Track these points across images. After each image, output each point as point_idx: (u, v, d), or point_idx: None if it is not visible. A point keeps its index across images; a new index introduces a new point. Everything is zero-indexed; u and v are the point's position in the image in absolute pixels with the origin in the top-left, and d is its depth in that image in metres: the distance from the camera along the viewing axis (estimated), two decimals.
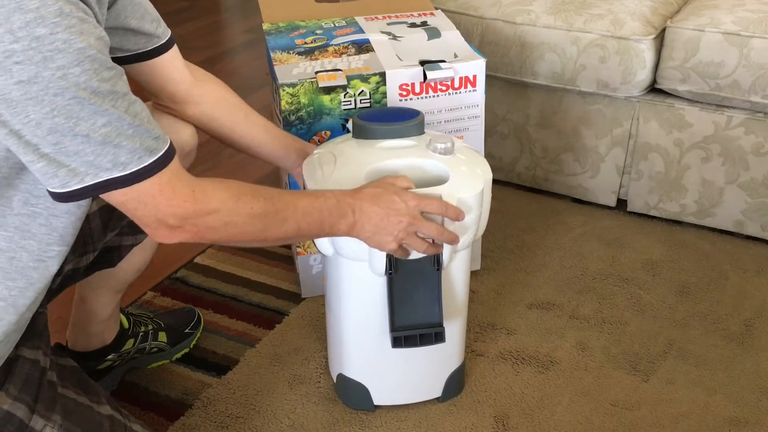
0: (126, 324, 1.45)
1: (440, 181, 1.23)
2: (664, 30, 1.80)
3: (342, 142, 1.33)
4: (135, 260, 1.34)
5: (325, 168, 1.25)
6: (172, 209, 0.92)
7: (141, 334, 1.46)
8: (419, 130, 1.33)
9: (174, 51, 1.21)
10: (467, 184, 1.23)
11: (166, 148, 0.91)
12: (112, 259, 1.27)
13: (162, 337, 1.49)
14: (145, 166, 0.89)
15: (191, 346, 1.54)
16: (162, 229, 0.94)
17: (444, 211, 1.16)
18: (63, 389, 1.07)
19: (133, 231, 1.26)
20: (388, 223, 1.12)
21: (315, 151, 1.32)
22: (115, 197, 0.90)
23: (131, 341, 1.45)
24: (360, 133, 1.32)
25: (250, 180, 2.14)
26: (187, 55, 1.27)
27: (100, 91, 0.84)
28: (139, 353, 1.47)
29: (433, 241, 1.17)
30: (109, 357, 1.42)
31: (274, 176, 2.17)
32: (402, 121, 1.32)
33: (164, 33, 1.18)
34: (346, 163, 1.26)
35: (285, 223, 1.03)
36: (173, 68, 1.21)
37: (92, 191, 0.87)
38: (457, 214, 1.16)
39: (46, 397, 1.03)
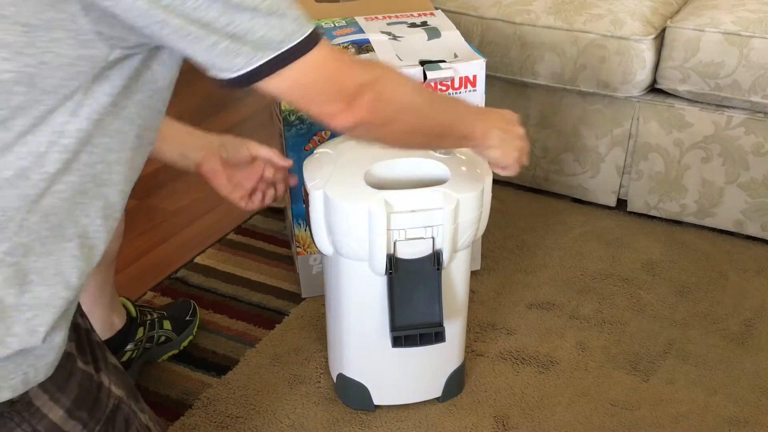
0: (134, 312, 1.47)
1: (440, 181, 1.23)
2: (664, 30, 1.80)
3: (342, 142, 1.33)
4: (119, 224, 1.31)
5: (325, 168, 1.25)
6: (350, 72, 0.91)
7: (148, 321, 1.48)
8: None
9: None
10: (467, 184, 1.23)
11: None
12: None
13: (167, 325, 1.51)
14: (312, 32, 0.87)
15: (194, 333, 1.55)
16: (341, 103, 0.91)
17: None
18: (106, 351, 1.09)
19: None
20: (509, 143, 1.20)
21: (315, 151, 1.32)
22: (292, 74, 0.86)
23: (141, 329, 1.46)
24: None
25: None
26: None
27: None
28: (150, 342, 1.48)
29: None
30: (128, 347, 1.43)
31: None
32: None
33: None
34: (346, 163, 1.26)
35: (440, 115, 1.06)
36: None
37: (273, 66, 0.84)
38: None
39: (99, 356, 1.05)
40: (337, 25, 1.65)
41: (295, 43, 0.85)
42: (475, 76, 1.53)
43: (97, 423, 0.99)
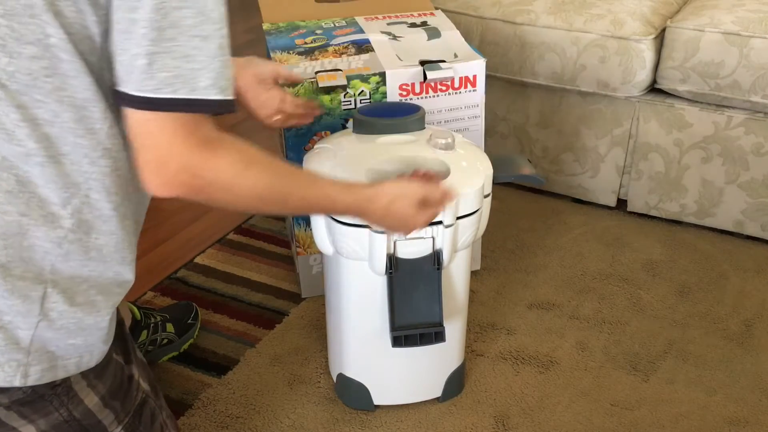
0: (138, 315, 1.47)
1: (441, 176, 1.23)
2: (664, 30, 1.80)
3: (342, 137, 1.33)
4: None
5: (326, 164, 1.25)
6: (183, 150, 0.86)
7: (152, 325, 1.49)
8: (420, 125, 1.33)
9: None
10: (468, 179, 1.23)
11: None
12: None
13: (170, 327, 1.51)
14: (231, 100, 0.86)
15: (195, 335, 1.56)
16: (157, 175, 0.87)
17: (448, 198, 1.17)
18: (135, 345, 1.11)
19: None
20: (388, 227, 1.16)
21: (315, 147, 1.32)
22: (149, 114, 0.84)
23: (145, 332, 1.47)
24: (360, 128, 1.32)
25: None
26: None
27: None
28: (153, 345, 1.48)
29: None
30: None
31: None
32: (402, 116, 1.32)
33: None
34: (346, 158, 1.25)
35: (281, 205, 1.01)
36: None
37: (174, 107, 0.83)
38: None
39: (131, 349, 1.06)
40: (337, 25, 1.65)
41: (217, 98, 0.85)
42: (475, 76, 1.53)
43: (127, 414, 1.01)
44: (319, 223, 1.25)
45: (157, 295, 1.69)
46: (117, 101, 0.86)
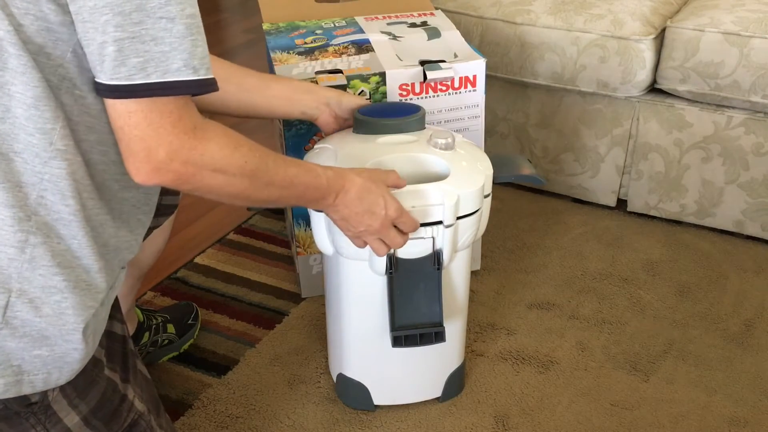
0: (141, 317, 1.47)
1: (441, 176, 1.23)
2: (664, 30, 1.80)
3: (342, 137, 1.33)
4: (155, 242, 1.34)
5: (326, 163, 1.25)
6: (171, 139, 0.85)
7: (153, 326, 1.49)
8: (420, 125, 1.33)
9: None
10: (468, 179, 1.23)
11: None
12: None
13: (171, 328, 1.51)
14: (209, 79, 0.85)
15: (195, 336, 1.56)
16: (147, 163, 0.86)
17: (414, 229, 1.17)
18: (138, 360, 1.09)
19: (154, 212, 1.27)
20: (358, 221, 1.12)
21: (315, 146, 1.32)
22: (131, 105, 0.83)
23: (147, 334, 1.47)
24: (361, 128, 1.31)
25: None
26: None
27: None
28: (153, 346, 1.48)
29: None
30: None
31: None
32: (403, 116, 1.32)
33: None
34: (346, 158, 1.25)
35: (269, 187, 1.00)
36: None
37: (151, 91, 0.82)
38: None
39: (131, 366, 1.04)
40: (337, 25, 1.65)
41: (189, 78, 0.84)
42: (475, 76, 1.53)
43: None
44: (319, 223, 1.25)
45: (157, 295, 1.69)
46: (97, 93, 0.85)
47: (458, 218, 1.22)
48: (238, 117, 1.33)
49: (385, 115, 1.32)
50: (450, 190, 1.20)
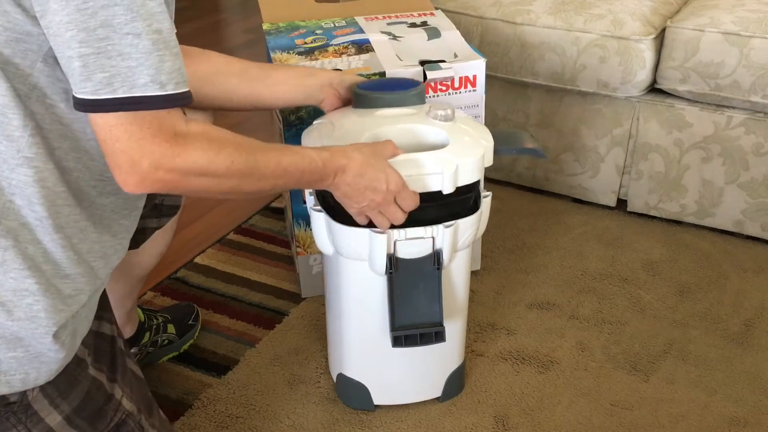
0: (142, 317, 1.47)
1: (440, 147, 1.21)
2: (664, 30, 1.80)
3: (341, 113, 1.31)
4: (157, 243, 1.34)
5: (323, 137, 1.23)
6: (154, 149, 0.86)
7: (154, 326, 1.49)
8: (420, 99, 1.31)
9: None
10: (468, 149, 1.21)
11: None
12: (136, 241, 1.25)
13: (171, 329, 1.51)
14: (178, 93, 0.85)
15: (195, 336, 1.56)
16: (132, 176, 0.86)
17: (414, 205, 1.16)
18: (128, 359, 1.09)
19: (156, 214, 1.26)
20: (361, 197, 1.12)
21: (314, 122, 1.31)
22: (110, 119, 0.83)
23: (147, 334, 1.47)
24: (360, 103, 1.29)
25: None
26: None
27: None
28: (153, 346, 1.48)
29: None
30: (132, 351, 1.43)
31: None
32: (402, 90, 1.30)
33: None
34: (344, 131, 1.23)
35: (262, 180, 0.99)
36: None
37: (119, 106, 0.82)
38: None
39: (119, 365, 1.04)
40: (337, 25, 1.65)
41: (156, 93, 0.84)
42: (475, 76, 1.53)
43: None
44: (319, 223, 1.25)
45: (157, 295, 1.69)
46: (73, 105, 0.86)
47: (458, 220, 1.22)
48: (244, 110, 1.32)
49: (384, 89, 1.30)
50: (448, 158, 1.17)
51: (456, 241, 1.24)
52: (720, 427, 1.37)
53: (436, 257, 1.23)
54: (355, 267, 1.26)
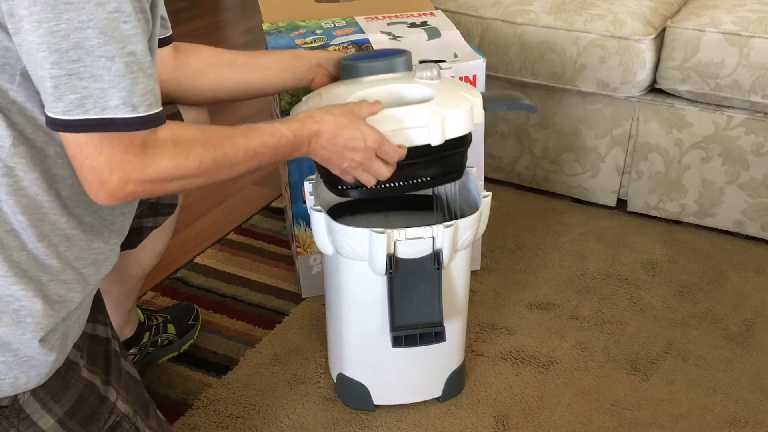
0: (141, 317, 1.47)
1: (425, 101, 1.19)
2: (664, 30, 1.80)
3: (330, 84, 1.29)
4: (155, 243, 1.34)
5: (311, 108, 1.20)
6: (123, 165, 0.86)
7: (154, 326, 1.49)
8: (407, 66, 1.28)
9: (170, 46, 1.21)
10: (455, 101, 1.19)
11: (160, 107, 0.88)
12: (132, 240, 1.25)
13: (171, 329, 1.51)
14: (151, 115, 0.86)
15: (195, 336, 1.56)
16: (102, 191, 0.88)
17: (399, 158, 1.14)
18: (124, 361, 1.08)
19: (153, 213, 1.26)
20: (341, 158, 1.11)
21: (303, 98, 1.30)
22: (81, 137, 0.84)
23: (147, 334, 1.47)
24: (348, 74, 1.28)
25: (250, 179, 2.14)
26: None
27: (139, 17, 0.83)
28: (153, 346, 1.48)
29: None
30: (131, 351, 1.43)
31: (275, 174, 2.17)
32: (389, 57, 1.28)
33: (169, 26, 1.18)
34: (331, 97, 1.22)
35: (234, 168, 1.00)
36: (161, 60, 1.20)
37: (90, 127, 0.83)
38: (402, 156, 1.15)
39: (114, 368, 1.04)
40: (337, 25, 1.65)
41: (128, 116, 0.85)
42: (475, 76, 1.53)
43: None
44: (319, 223, 1.25)
45: (157, 295, 1.69)
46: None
47: (457, 218, 1.22)
48: (239, 99, 1.32)
49: (370, 59, 1.29)
50: (434, 109, 1.15)
51: (456, 241, 1.24)
52: (720, 427, 1.38)
53: (436, 257, 1.23)
54: (355, 267, 1.26)
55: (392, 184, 1.19)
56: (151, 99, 0.86)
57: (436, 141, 1.16)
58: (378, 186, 1.18)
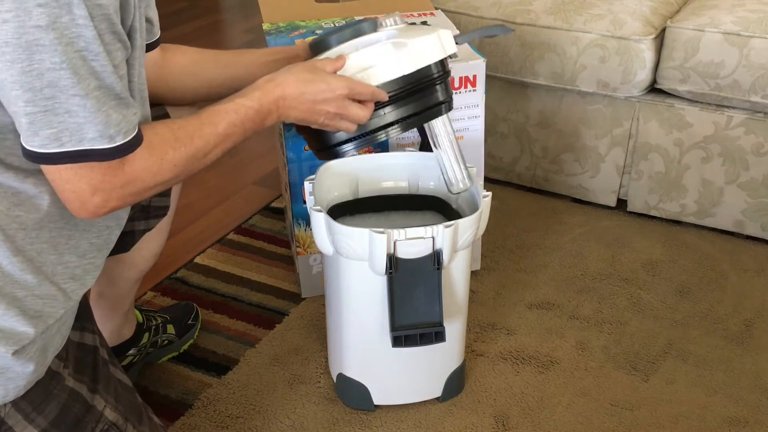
0: (140, 318, 1.47)
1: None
2: (664, 30, 1.80)
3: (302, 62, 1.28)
4: (149, 245, 1.34)
5: None
6: (104, 187, 0.88)
7: (153, 327, 1.48)
8: (372, 29, 1.26)
9: (157, 48, 1.21)
10: (420, 33, 1.18)
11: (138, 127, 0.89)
12: (125, 244, 1.25)
13: (170, 329, 1.51)
14: (128, 141, 0.87)
15: (195, 336, 1.56)
16: (84, 212, 0.90)
17: (374, 96, 1.13)
18: (113, 368, 1.08)
19: (144, 216, 1.26)
20: (314, 114, 1.11)
21: None
22: (59, 167, 0.86)
23: (146, 335, 1.47)
24: (319, 49, 1.25)
25: (250, 179, 2.14)
26: None
27: (108, 50, 0.83)
28: (153, 346, 1.48)
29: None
30: (130, 352, 1.43)
31: (275, 174, 2.17)
32: (354, 24, 1.26)
33: (158, 29, 1.18)
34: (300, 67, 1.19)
35: (208, 156, 1.01)
36: (149, 62, 1.20)
37: (68, 159, 0.84)
38: (383, 96, 1.14)
39: (101, 375, 1.04)
40: (337, 25, 1.65)
41: (106, 146, 0.86)
42: (475, 76, 1.53)
43: None
44: (319, 223, 1.25)
45: (157, 295, 1.69)
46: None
47: (457, 217, 1.22)
48: (224, 96, 1.32)
49: (336, 30, 1.27)
50: (399, 41, 1.14)
51: (456, 241, 1.24)
52: (720, 427, 1.38)
53: (436, 257, 1.23)
54: (355, 267, 1.26)
55: (382, 128, 1.18)
56: (126, 126, 0.87)
57: (407, 69, 1.15)
58: (371, 133, 1.17)
